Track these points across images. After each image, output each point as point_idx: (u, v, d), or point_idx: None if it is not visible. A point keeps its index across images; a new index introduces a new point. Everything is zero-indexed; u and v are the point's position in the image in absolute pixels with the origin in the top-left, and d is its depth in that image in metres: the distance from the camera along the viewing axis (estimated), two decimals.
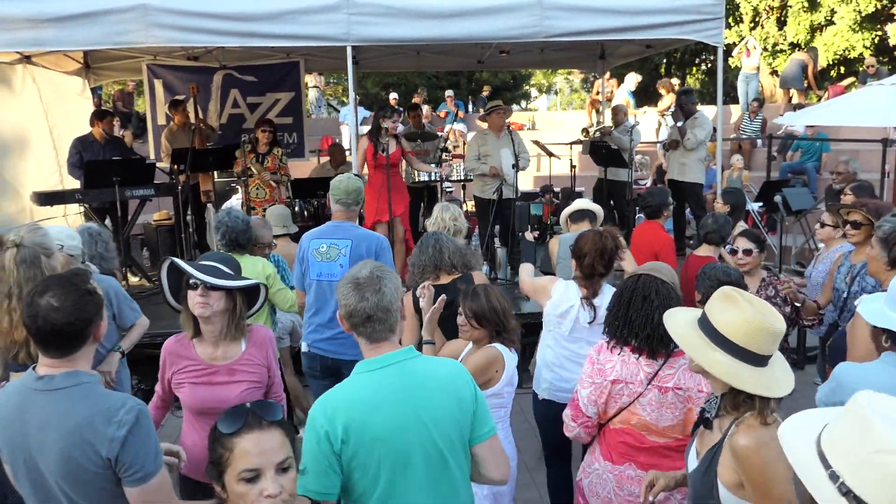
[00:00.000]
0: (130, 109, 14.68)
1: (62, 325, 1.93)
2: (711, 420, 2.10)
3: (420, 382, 2.09)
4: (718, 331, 2.03)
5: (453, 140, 13.68)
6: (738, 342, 2.00)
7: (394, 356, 2.10)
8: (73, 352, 1.99)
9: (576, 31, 6.17)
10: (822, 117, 10.18)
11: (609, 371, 2.64)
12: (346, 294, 2.10)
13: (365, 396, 2.03)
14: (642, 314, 2.60)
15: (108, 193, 6.79)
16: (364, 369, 2.09)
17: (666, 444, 2.62)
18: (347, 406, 2.00)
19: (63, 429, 1.91)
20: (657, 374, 2.58)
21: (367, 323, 2.08)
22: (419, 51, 9.49)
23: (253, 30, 5.84)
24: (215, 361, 2.76)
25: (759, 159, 12.86)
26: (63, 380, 1.96)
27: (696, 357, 2.06)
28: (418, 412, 2.04)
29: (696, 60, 20.92)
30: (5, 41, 5.65)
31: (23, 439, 1.94)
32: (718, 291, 2.10)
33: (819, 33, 16.31)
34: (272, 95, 9.66)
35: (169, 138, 8.49)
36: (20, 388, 2.00)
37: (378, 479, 2.01)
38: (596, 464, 2.74)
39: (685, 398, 2.57)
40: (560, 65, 14.11)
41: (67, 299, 1.94)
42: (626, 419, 2.63)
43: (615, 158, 8.17)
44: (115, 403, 1.97)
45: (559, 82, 28.36)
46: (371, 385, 2.05)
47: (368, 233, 4.16)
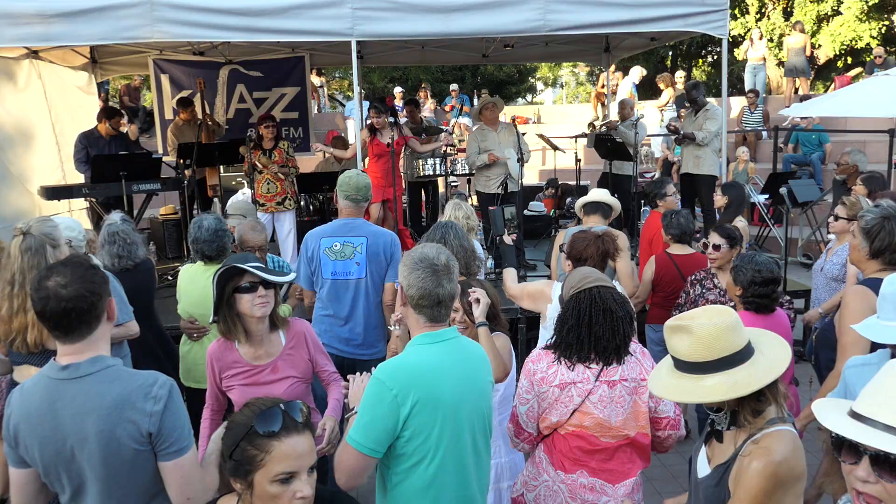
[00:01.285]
0: (137, 104, 14.74)
1: (73, 301, 1.92)
2: (722, 432, 2.06)
3: (470, 358, 2.29)
4: (690, 361, 1.97)
5: (458, 134, 13.69)
6: (711, 358, 1.94)
7: (449, 332, 2.25)
8: (91, 331, 1.99)
9: (580, 25, 6.18)
10: (828, 108, 10.16)
11: (553, 377, 2.58)
12: (424, 278, 2.17)
13: (434, 365, 2.15)
14: (608, 328, 2.54)
15: (114, 188, 6.83)
16: (427, 341, 2.20)
17: (617, 443, 2.58)
18: (420, 373, 2.12)
19: (101, 411, 1.93)
20: (603, 370, 2.56)
21: (437, 307, 2.20)
22: (424, 45, 9.50)
23: (258, 25, 5.87)
24: (259, 361, 2.84)
25: (764, 151, 12.83)
26: (89, 365, 1.97)
27: (693, 400, 2.00)
28: (473, 384, 2.25)
29: (701, 52, 20.86)
30: (14, 36, 5.70)
31: (57, 431, 1.95)
32: (666, 327, 2.04)
33: (826, 23, 16.24)
34: (278, 90, 9.70)
35: (175, 133, 8.53)
36: (44, 381, 2.00)
37: (439, 446, 2.13)
38: (544, 475, 2.65)
39: (631, 390, 2.57)
40: (565, 58, 14.10)
41: (74, 275, 1.95)
42: (580, 421, 2.56)
43: (620, 151, 8.17)
44: (148, 380, 2.00)
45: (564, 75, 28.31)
46: (437, 356, 2.18)
47: (382, 230, 4.12)
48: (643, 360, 2.65)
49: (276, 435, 1.66)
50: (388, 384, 2.08)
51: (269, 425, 1.67)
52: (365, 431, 2.07)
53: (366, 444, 2.07)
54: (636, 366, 2.61)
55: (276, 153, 7.30)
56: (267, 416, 1.69)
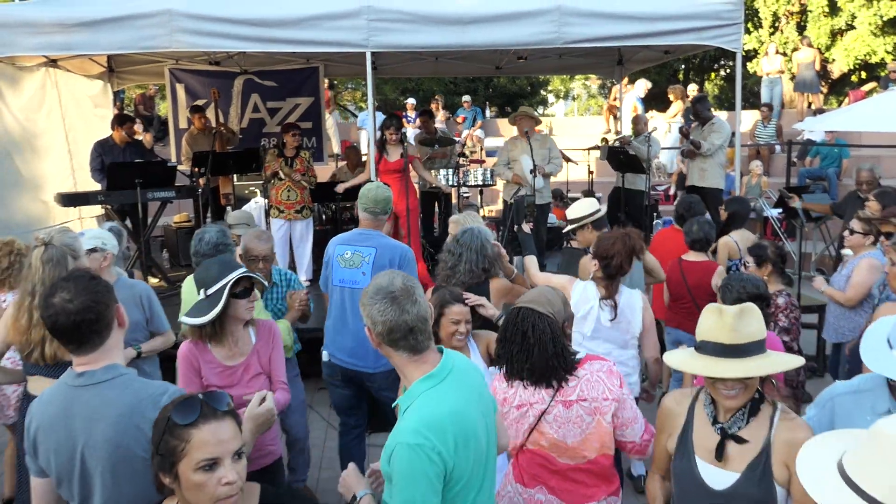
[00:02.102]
0: (152, 113, 14.87)
1: (81, 314, 1.95)
2: (739, 434, 2.15)
3: (470, 378, 2.12)
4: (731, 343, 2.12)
5: (471, 145, 13.71)
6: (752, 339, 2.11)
7: (447, 362, 2.06)
8: (102, 341, 2.02)
9: (594, 38, 6.19)
10: (842, 122, 10.12)
11: (512, 397, 2.56)
12: (384, 310, 1.99)
13: (455, 407, 1.97)
14: (523, 350, 2.52)
15: (129, 195, 6.89)
16: (434, 384, 2.00)
17: (577, 465, 2.53)
18: (447, 421, 1.93)
19: (111, 418, 1.95)
20: (559, 389, 2.50)
21: (410, 335, 2.00)
22: (437, 57, 9.53)
23: (274, 35, 5.92)
24: (232, 360, 2.89)
25: (778, 165, 12.79)
26: (103, 373, 2.01)
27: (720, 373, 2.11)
28: (482, 409, 2.11)
29: (714, 66, 20.84)
30: (35, 45, 5.78)
31: (70, 436, 1.97)
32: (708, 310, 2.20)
33: (840, 38, 16.20)
34: (292, 100, 9.76)
35: (190, 142, 8.60)
36: (62, 389, 2.03)
37: (477, 477, 2.02)
38: (508, 486, 2.64)
39: (591, 410, 2.49)
40: (578, 70, 14.11)
41: (77, 288, 1.97)
42: (537, 440, 2.54)
43: (633, 164, 8.16)
44: (158, 389, 2.04)
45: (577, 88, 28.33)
46: (450, 394, 2.00)
47: (394, 243, 4.10)
48: (607, 379, 2.53)
49: (195, 423, 1.67)
50: (426, 444, 1.87)
51: (187, 415, 1.68)
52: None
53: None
54: (598, 385, 2.51)
55: (297, 161, 7.36)
56: (184, 406, 1.70)
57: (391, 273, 2.13)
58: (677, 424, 2.31)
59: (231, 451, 1.69)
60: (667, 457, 2.38)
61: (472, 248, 3.77)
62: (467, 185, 9.08)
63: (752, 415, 2.16)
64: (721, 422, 2.19)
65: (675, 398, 2.39)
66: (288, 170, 7.26)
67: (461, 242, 3.81)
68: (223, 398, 1.75)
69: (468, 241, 3.79)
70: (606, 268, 3.55)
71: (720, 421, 2.20)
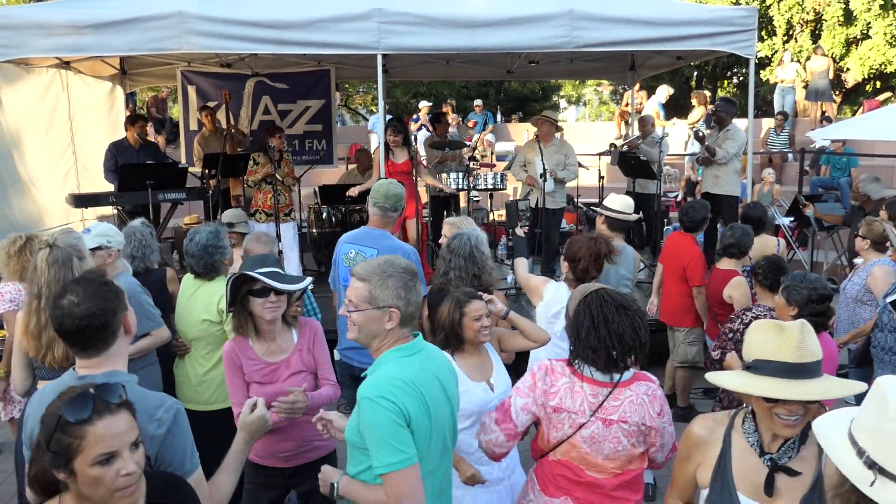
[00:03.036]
0: (164, 115, 14.93)
1: (87, 319, 1.95)
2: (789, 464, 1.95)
3: (439, 364, 2.28)
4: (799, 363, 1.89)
5: (481, 149, 13.70)
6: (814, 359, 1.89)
7: (420, 344, 2.24)
8: (107, 347, 2.01)
9: (606, 42, 6.16)
10: (857, 131, 10.05)
11: (552, 397, 2.46)
12: (419, 291, 2.21)
13: (417, 377, 2.11)
14: (628, 324, 2.41)
15: (141, 196, 6.91)
16: (405, 353, 2.17)
17: (604, 479, 2.46)
18: (409, 385, 2.07)
19: None
20: (602, 405, 2.40)
21: (417, 314, 2.21)
22: (448, 60, 9.54)
23: (285, 37, 5.92)
24: (272, 357, 2.96)
25: (790, 174, 12.70)
26: (102, 380, 1.96)
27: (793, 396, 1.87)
28: (445, 388, 2.24)
29: (727, 73, 20.74)
30: (47, 46, 5.81)
31: None
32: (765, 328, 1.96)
33: (855, 47, 16.10)
34: (303, 103, 9.77)
35: (201, 143, 8.63)
36: (62, 388, 1.98)
37: (431, 454, 2.12)
38: (531, 494, 2.58)
39: (629, 433, 2.41)
40: (589, 75, 14.07)
41: (86, 293, 1.97)
42: (567, 451, 2.46)
43: (644, 170, 8.12)
44: (155, 402, 2.01)
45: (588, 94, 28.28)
46: (416, 367, 2.15)
47: (397, 244, 4.05)
48: (649, 404, 2.43)
49: (89, 420, 1.64)
50: (388, 397, 2.02)
51: (79, 413, 1.64)
52: (398, 444, 2.00)
53: (408, 453, 2.00)
54: (641, 409, 2.42)
55: (283, 164, 7.39)
56: (75, 403, 1.66)
57: (395, 256, 2.28)
58: (710, 454, 2.08)
59: (128, 443, 1.67)
60: (692, 485, 2.19)
61: (460, 255, 3.66)
62: (477, 189, 9.06)
63: (802, 443, 1.96)
64: (769, 452, 1.97)
65: (706, 425, 2.13)
66: (282, 172, 7.29)
67: (451, 248, 3.71)
68: (114, 390, 1.71)
69: (457, 247, 3.68)
70: (573, 270, 3.62)
71: (768, 451, 1.97)
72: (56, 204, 7.56)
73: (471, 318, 2.98)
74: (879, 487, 1.27)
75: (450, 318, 2.96)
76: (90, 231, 3.71)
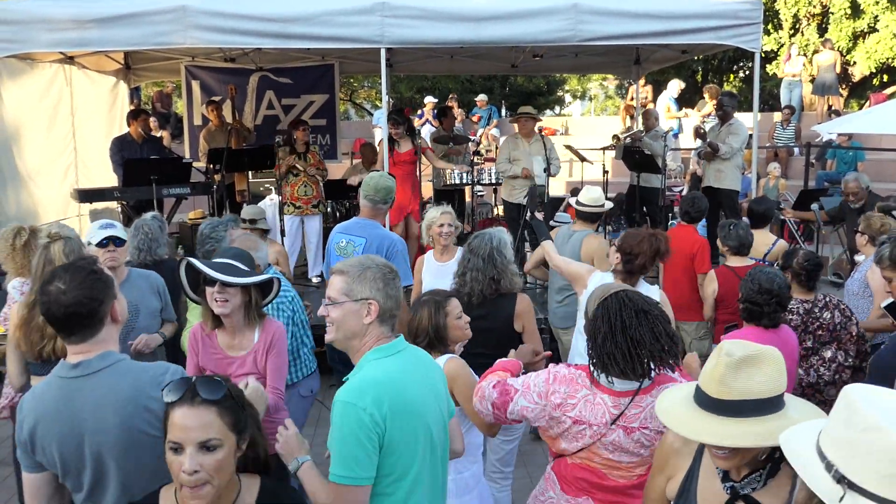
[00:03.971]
0: (169, 110, 14.93)
1: (73, 307, 1.97)
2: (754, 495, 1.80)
3: (425, 364, 2.24)
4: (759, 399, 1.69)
5: (486, 144, 13.67)
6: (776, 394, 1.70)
7: (401, 344, 2.18)
8: (94, 334, 2.03)
9: (611, 36, 6.15)
10: (862, 125, 9.99)
11: (570, 408, 2.37)
12: (398, 287, 2.15)
13: (396, 378, 2.06)
14: (647, 330, 2.29)
15: (145, 191, 6.93)
16: (383, 354, 2.10)
17: (629, 482, 2.40)
18: (386, 386, 2.01)
19: (118, 403, 1.98)
20: (623, 413, 2.32)
21: (396, 312, 2.16)
22: (453, 54, 9.51)
23: (288, 31, 5.92)
24: (232, 352, 2.96)
25: (796, 168, 12.64)
26: (99, 361, 2.02)
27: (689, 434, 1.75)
28: (432, 390, 2.19)
29: (733, 67, 20.63)
30: (50, 41, 5.81)
31: (75, 427, 1.98)
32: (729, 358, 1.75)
33: (862, 40, 16.00)
34: (306, 97, 9.77)
35: (207, 138, 8.63)
36: (56, 381, 2.04)
37: (415, 458, 2.06)
38: (550, 492, 2.53)
39: (651, 437, 2.34)
40: (594, 69, 14.02)
41: (73, 281, 1.98)
42: (588, 457, 2.41)
43: (648, 164, 8.09)
44: (159, 370, 2.08)
45: (593, 88, 28.19)
46: (396, 366, 2.09)
47: (385, 233, 4.09)
48: None
49: (172, 404, 1.72)
50: (360, 404, 1.94)
51: (169, 395, 1.73)
52: (354, 462, 1.93)
53: (360, 474, 1.93)
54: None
55: (310, 156, 7.39)
56: (173, 386, 1.75)
57: (373, 256, 2.26)
58: (679, 467, 1.98)
59: (194, 441, 1.66)
60: (662, 497, 2.09)
61: (479, 255, 3.58)
62: (482, 184, 9.05)
63: (771, 476, 1.76)
64: (733, 479, 1.81)
65: (680, 436, 1.95)
66: (304, 164, 7.28)
67: (471, 247, 3.63)
68: (216, 387, 1.74)
69: (477, 247, 3.61)
70: (628, 263, 3.56)
71: (732, 479, 1.81)
72: (53, 198, 7.53)
73: (454, 318, 2.92)
74: (849, 503, 1.18)
75: (433, 322, 2.85)
76: (115, 226, 3.67)
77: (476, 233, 3.78)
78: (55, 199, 7.56)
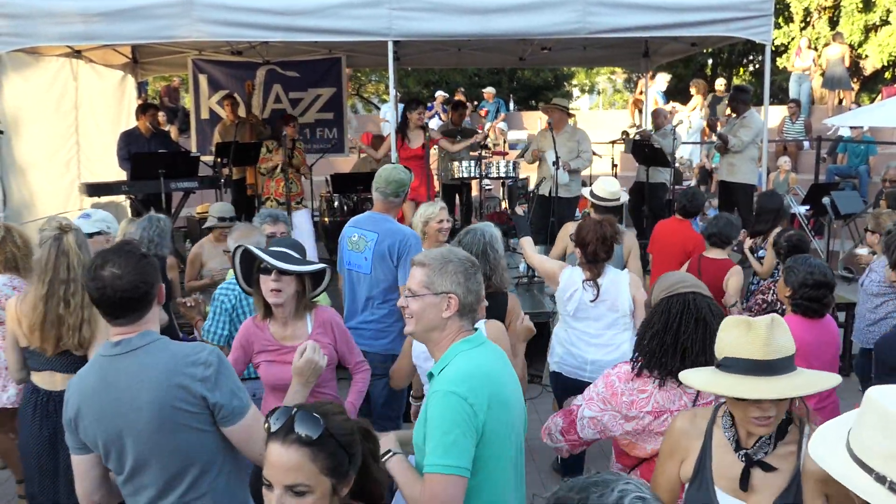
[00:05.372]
0: (176, 105, 14.93)
1: (130, 291, 2.01)
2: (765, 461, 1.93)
3: (503, 356, 2.20)
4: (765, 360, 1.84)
5: (493, 138, 13.63)
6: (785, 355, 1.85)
7: (482, 335, 2.16)
8: (143, 315, 2.08)
9: (620, 28, 6.09)
10: (874, 118, 9.90)
11: (645, 402, 2.33)
12: (480, 281, 2.14)
13: (489, 370, 2.04)
14: (699, 340, 2.27)
15: (153, 185, 6.92)
16: (472, 346, 2.08)
17: None
18: (485, 377, 1.99)
19: (152, 381, 2.00)
20: (700, 393, 2.29)
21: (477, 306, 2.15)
22: (460, 47, 9.47)
23: (295, 24, 5.90)
24: (286, 341, 2.95)
25: (805, 162, 12.55)
26: (139, 339, 2.06)
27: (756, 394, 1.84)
28: (516, 381, 2.18)
29: (743, 61, 20.50)
30: (56, 34, 5.81)
31: (113, 404, 2.01)
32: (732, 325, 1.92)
33: (874, 34, 15.85)
34: (314, 91, 9.73)
35: (222, 132, 8.61)
36: (98, 360, 2.10)
37: (508, 448, 2.03)
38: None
39: None
40: (603, 63, 13.95)
41: (128, 266, 2.02)
42: None
43: (658, 157, 8.04)
44: (196, 349, 2.09)
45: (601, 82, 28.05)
46: (487, 358, 2.08)
47: (398, 228, 3.99)
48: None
49: (270, 436, 1.59)
50: (461, 393, 1.91)
51: (272, 423, 1.60)
52: (457, 450, 1.88)
53: (460, 464, 1.88)
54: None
55: (297, 153, 7.38)
56: (276, 414, 1.61)
57: (455, 249, 2.25)
58: (692, 448, 2.05)
59: (282, 483, 1.55)
60: (677, 485, 2.13)
61: (471, 251, 3.39)
62: (489, 178, 9.01)
63: (780, 438, 1.92)
64: (745, 447, 1.95)
65: (688, 418, 2.11)
66: (296, 160, 7.29)
67: (462, 243, 3.52)
68: (313, 425, 1.57)
69: (469, 243, 3.50)
70: (584, 254, 3.72)
71: (744, 447, 1.95)
72: (53, 192, 7.46)
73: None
74: None
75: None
76: (90, 216, 3.71)
77: (465, 228, 3.71)
78: (55, 193, 7.48)
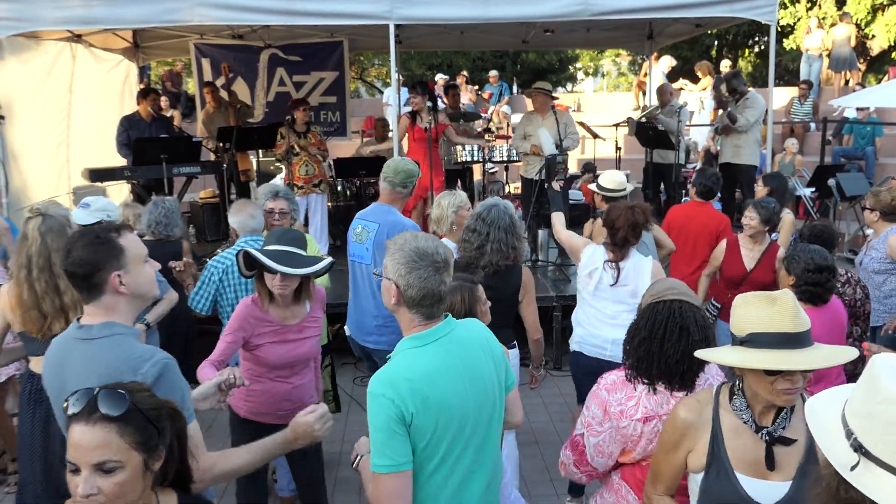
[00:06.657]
0: (179, 89, 14.88)
1: (73, 266, 2.01)
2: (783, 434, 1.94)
3: (466, 350, 2.11)
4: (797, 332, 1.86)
5: (497, 121, 13.57)
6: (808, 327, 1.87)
7: (442, 328, 2.08)
8: (94, 297, 2.03)
9: (623, 9, 6.04)
10: (881, 99, 9.82)
11: (634, 409, 2.32)
12: (427, 277, 2.02)
13: (427, 372, 2.00)
14: (679, 349, 2.27)
15: (155, 170, 6.91)
16: (417, 344, 2.05)
17: None
18: (412, 383, 1.96)
19: (94, 376, 1.92)
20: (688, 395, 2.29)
21: (436, 304, 2.06)
22: (463, 30, 9.40)
23: (296, 8, 5.86)
24: (286, 321, 3.09)
25: (811, 144, 12.47)
26: (99, 330, 2.01)
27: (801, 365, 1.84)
28: (471, 378, 2.08)
29: (748, 42, 20.32)
30: (56, 18, 5.77)
31: (63, 385, 1.99)
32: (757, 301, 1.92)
33: (881, 13, 15.68)
34: (317, 74, 9.71)
35: (206, 121, 8.59)
36: (63, 338, 2.10)
37: (438, 449, 2.01)
38: (630, 496, 2.45)
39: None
40: (606, 45, 13.87)
41: (79, 242, 2.02)
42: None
43: (662, 140, 7.99)
44: (143, 356, 1.97)
45: (606, 65, 27.86)
46: (429, 358, 2.03)
47: (398, 219, 3.95)
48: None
49: (71, 419, 1.52)
50: (388, 395, 1.94)
51: (70, 407, 1.53)
52: (386, 449, 1.93)
53: (393, 461, 1.93)
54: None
55: (310, 136, 7.34)
56: (76, 397, 1.54)
57: (433, 239, 2.14)
58: (701, 439, 2.02)
59: (89, 463, 1.48)
60: (680, 473, 2.11)
61: (500, 227, 3.54)
62: (493, 161, 8.98)
63: (791, 411, 1.96)
64: (764, 426, 1.95)
65: (691, 407, 2.06)
66: (304, 142, 7.24)
67: (488, 220, 3.56)
68: (118, 402, 1.52)
69: (496, 219, 3.55)
70: (612, 237, 3.68)
71: (763, 425, 1.95)
72: (44, 175, 7.40)
73: (482, 302, 2.93)
74: (862, 471, 1.18)
75: (466, 307, 2.82)
76: (89, 206, 3.70)
77: (484, 205, 3.68)
78: (46, 176, 7.41)
